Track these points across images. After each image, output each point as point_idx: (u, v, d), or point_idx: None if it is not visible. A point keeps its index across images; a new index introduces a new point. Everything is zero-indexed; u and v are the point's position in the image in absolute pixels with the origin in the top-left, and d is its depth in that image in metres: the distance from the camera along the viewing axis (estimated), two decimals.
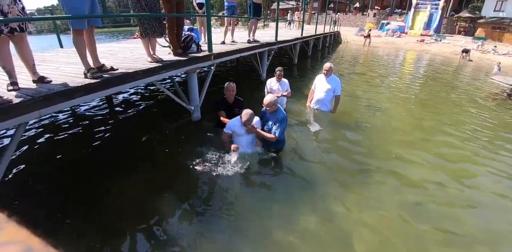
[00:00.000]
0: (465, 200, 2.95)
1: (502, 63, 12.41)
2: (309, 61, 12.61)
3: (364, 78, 9.34)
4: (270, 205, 2.80)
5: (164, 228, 2.47)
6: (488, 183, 3.26)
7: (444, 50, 18.59)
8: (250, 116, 3.05)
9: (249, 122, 3.07)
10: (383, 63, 13.29)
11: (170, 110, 5.31)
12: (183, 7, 4.04)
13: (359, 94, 6.93)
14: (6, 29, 2.19)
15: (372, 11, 32.22)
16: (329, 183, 3.19)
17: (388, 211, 2.73)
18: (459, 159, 3.79)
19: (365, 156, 3.77)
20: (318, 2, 39.24)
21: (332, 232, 2.46)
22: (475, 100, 6.85)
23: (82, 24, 2.66)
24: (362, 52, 17.72)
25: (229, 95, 3.78)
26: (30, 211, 2.66)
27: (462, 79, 10.10)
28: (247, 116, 3.03)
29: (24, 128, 2.29)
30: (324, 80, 4.73)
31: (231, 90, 3.74)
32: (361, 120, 5.07)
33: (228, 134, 3.35)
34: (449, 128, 4.85)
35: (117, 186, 3.05)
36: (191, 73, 4.25)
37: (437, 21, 24.86)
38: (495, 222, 2.63)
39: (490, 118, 5.49)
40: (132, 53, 4.77)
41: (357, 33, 25.32)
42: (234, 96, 3.84)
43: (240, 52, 5.61)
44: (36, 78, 2.56)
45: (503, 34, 22.85)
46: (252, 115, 3.08)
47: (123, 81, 3.01)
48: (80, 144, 4.10)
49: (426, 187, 3.12)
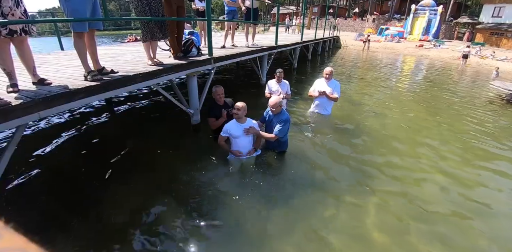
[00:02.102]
0: (468, 206, 2.93)
1: (501, 68, 12.50)
2: (309, 65, 12.67)
3: (364, 82, 9.38)
4: (271, 208, 2.78)
5: (164, 234, 2.44)
6: (492, 190, 3.25)
7: (443, 55, 18.73)
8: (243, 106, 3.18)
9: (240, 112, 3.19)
10: (382, 67, 13.36)
11: (170, 114, 5.31)
12: (183, 11, 4.07)
13: (358, 98, 6.95)
14: (5, 31, 2.19)
15: (371, 17, 32.53)
16: (330, 187, 3.18)
17: (389, 214, 2.72)
18: (459, 165, 3.78)
19: (365, 160, 3.77)
20: (318, 7, 39.64)
21: (333, 234, 2.44)
22: (474, 106, 6.88)
23: (83, 27, 2.67)
24: (362, 57, 17.83)
25: (219, 99, 3.78)
26: (28, 218, 2.63)
27: (461, 84, 10.15)
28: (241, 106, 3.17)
29: (23, 130, 2.28)
30: (325, 84, 4.76)
31: (220, 93, 3.74)
32: (360, 124, 5.08)
33: (223, 138, 3.34)
34: (449, 134, 4.85)
35: (115, 190, 3.02)
36: (191, 76, 4.26)
37: (435, 26, 25.13)
38: (503, 230, 2.61)
39: (490, 123, 5.50)
40: (133, 56, 4.78)
41: (357, 38, 25.54)
42: (223, 98, 3.84)
43: (240, 56, 5.63)
44: (36, 80, 2.55)
45: (501, 40, 23.07)
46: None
47: (123, 84, 3.00)
48: (78, 148, 4.08)
49: (426, 191, 3.11)
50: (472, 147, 4.34)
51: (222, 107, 3.78)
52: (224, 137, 3.33)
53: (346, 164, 3.65)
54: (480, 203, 2.97)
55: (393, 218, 2.69)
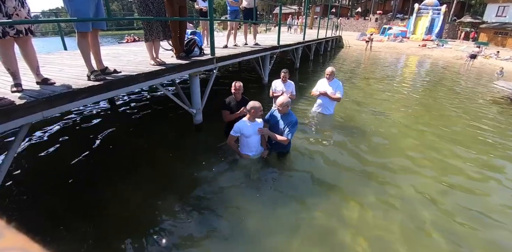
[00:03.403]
0: (472, 209, 2.91)
1: (505, 68, 12.40)
2: (311, 65, 12.65)
3: (366, 82, 9.35)
4: (273, 209, 2.77)
5: (165, 233, 2.45)
6: (498, 193, 3.22)
7: (446, 55, 18.62)
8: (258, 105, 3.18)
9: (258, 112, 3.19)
10: (385, 67, 13.31)
11: (172, 113, 5.33)
12: (185, 11, 4.08)
13: (361, 98, 6.92)
14: (12, 31, 2.21)
15: (374, 16, 32.41)
16: (333, 187, 3.17)
17: (389, 216, 2.71)
18: (463, 167, 3.76)
19: (367, 160, 3.75)
20: (320, 7, 39.56)
21: (334, 236, 2.44)
22: (478, 106, 6.83)
23: (87, 27, 2.68)
24: (364, 57, 17.77)
25: (235, 94, 3.75)
26: (30, 217, 2.65)
27: (465, 84, 10.08)
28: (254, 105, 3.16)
29: (27, 129, 2.29)
30: (327, 84, 4.75)
31: (235, 89, 3.70)
32: (363, 124, 5.06)
33: (234, 138, 3.29)
34: (452, 135, 4.82)
35: (117, 190, 3.03)
36: (194, 76, 4.26)
37: (439, 26, 24.96)
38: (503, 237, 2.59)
39: (494, 124, 5.47)
40: (136, 56, 4.80)
41: (359, 38, 25.44)
42: (242, 95, 3.80)
43: (243, 55, 5.63)
44: (40, 79, 2.57)
45: (505, 39, 22.91)
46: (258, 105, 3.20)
47: (126, 83, 3.02)
48: (81, 147, 4.09)
49: (429, 195, 3.09)
50: (478, 147, 4.31)
51: (236, 102, 3.75)
52: (235, 137, 3.29)
53: (348, 165, 3.64)
54: (492, 208, 2.95)
55: (395, 219, 2.68)
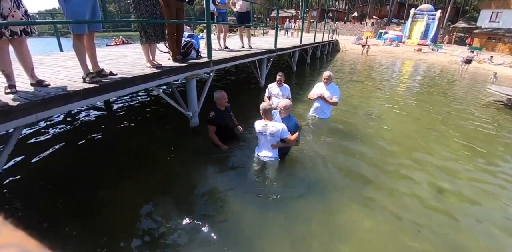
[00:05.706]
0: (467, 213, 2.93)
1: (498, 73, 12.59)
2: (308, 68, 12.72)
3: (362, 86, 9.42)
4: (270, 210, 2.76)
5: (162, 233, 2.43)
6: (494, 196, 3.25)
7: (441, 59, 18.88)
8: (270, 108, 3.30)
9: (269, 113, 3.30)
10: (381, 71, 13.43)
11: (168, 116, 5.30)
12: (182, 14, 4.08)
13: (357, 102, 6.97)
14: (7, 32, 2.20)
15: (370, 21, 32.78)
16: (328, 190, 3.17)
17: (384, 220, 2.72)
18: (458, 170, 3.79)
19: (361, 164, 3.76)
20: (317, 11, 39.91)
21: (334, 238, 2.44)
22: (473, 110, 6.92)
23: (83, 29, 2.67)
24: (360, 61, 17.93)
25: (224, 103, 3.74)
26: (27, 214, 2.62)
27: (459, 88, 10.22)
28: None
29: (21, 131, 2.27)
30: (324, 88, 4.77)
31: (226, 98, 3.71)
32: (359, 128, 5.09)
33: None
34: (447, 138, 4.87)
35: (114, 190, 3.01)
36: (190, 79, 4.26)
37: (434, 31, 25.33)
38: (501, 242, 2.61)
39: (488, 128, 5.54)
40: (132, 58, 4.79)
41: (355, 42, 25.70)
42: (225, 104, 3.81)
43: (240, 59, 5.65)
44: (35, 81, 2.55)
45: (497, 44, 23.30)
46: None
47: (122, 86, 3.00)
48: (77, 148, 4.06)
49: (424, 199, 3.11)
50: (472, 150, 4.35)
51: (223, 112, 3.75)
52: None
53: (343, 169, 3.65)
54: (487, 211, 2.98)
55: (388, 223, 2.69)
